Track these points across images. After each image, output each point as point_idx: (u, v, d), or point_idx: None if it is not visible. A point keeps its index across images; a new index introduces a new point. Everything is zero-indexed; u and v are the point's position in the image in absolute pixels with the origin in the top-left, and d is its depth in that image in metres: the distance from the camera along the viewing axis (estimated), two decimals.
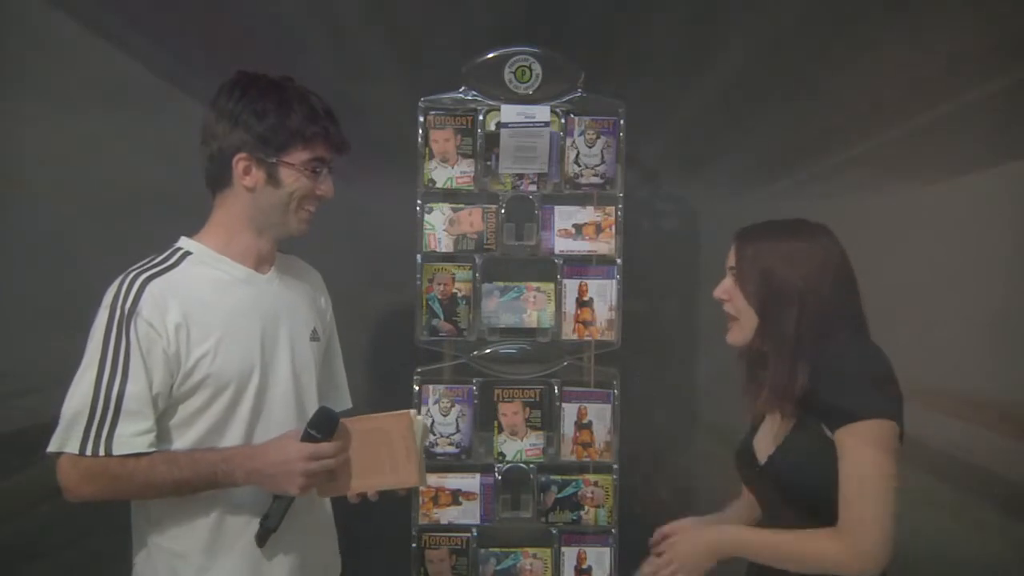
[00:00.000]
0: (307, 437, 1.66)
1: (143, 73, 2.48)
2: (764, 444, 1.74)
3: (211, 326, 1.68)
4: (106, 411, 1.61)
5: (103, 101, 2.49)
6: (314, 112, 1.72)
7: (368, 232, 2.53)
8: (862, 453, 1.52)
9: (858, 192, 2.58)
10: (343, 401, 1.98)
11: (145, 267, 1.69)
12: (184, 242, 1.75)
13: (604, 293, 2.34)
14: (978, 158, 2.59)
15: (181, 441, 1.68)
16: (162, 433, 1.66)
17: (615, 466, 2.36)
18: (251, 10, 2.51)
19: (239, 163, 1.69)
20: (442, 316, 2.33)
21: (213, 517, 1.71)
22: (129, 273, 1.67)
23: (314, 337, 1.85)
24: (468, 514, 2.34)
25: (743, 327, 1.69)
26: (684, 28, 2.60)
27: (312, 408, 1.80)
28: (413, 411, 1.75)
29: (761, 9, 2.57)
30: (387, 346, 2.53)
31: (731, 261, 1.70)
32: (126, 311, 1.62)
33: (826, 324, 1.62)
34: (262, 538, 1.69)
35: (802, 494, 1.64)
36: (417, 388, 2.34)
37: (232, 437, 1.70)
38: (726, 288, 1.71)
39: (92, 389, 1.61)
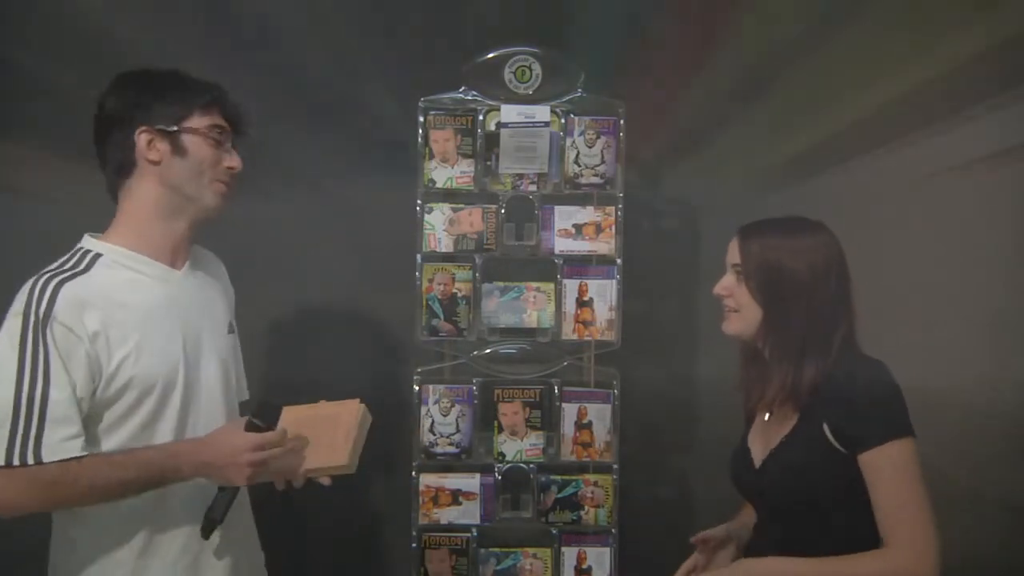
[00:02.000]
0: (251, 427, 1.65)
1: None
2: (758, 446, 1.74)
3: (130, 327, 1.63)
4: (30, 419, 1.55)
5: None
6: (209, 85, 1.74)
7: (368, 232, 2.53)
8: (896, 474, 1.55)
9: (858, 191, 2.57)
10: (242, 393, 1.95)
11: (56, 271, 1.63)
12: (89, 242, 1.70)
13: (604, 293, 2.33)
14: (979, 158, 2.59)
15: (109, 444, 1.63)
16: (89, 438, 1.61)
17: (615, 466, 2.36)
18: (251, 10, 2.51)
19: (141, 136, 1.67)
20: (442, 316, 2.33)
21: (146, 519, 1.67)
22: (40, 277, 1.61)
23: (231, 330, 1.85)
24: (468, 514, 2.34)
25: (744, 319, 1.69)
26: (684, 28, 2.60)
27: (237, 400, 1.82)
28: (361, 404, 1.76)
29: (761, 9, 2.57)
30: (387, 346, 2.53)
31: (734, 257, 1.70)
32: (40, 316, 1.56)
33: (830, 320, 1.64)
34: (207, 530, 1.67)
35: (798, 497, 1.64)
36: (417, 388, 2.34)
37: (161, 436, 1.67)
38: (727, 285, 1.71)
39: (12, 398, 1.55)
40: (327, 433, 1.73)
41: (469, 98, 2.33)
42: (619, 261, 2.34)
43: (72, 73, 2.48)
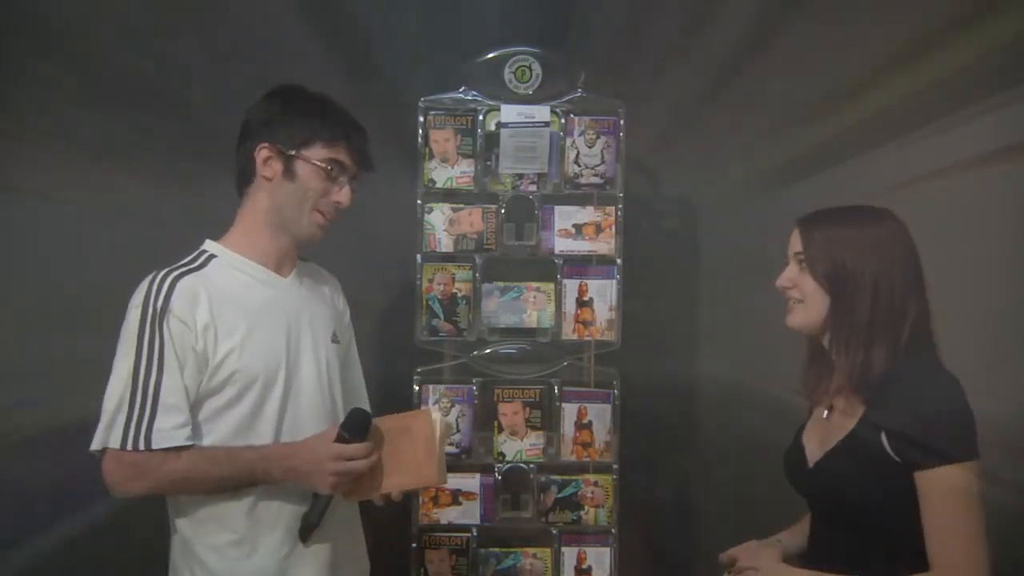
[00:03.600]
0: (339, 438, 1.70)
1: (143, 74, 2.48)
2: (812, 445, 1.69)
3: (237, 323, 1.72)
4: (144, 406, 1.65)
5: (105, 103, 2.49)
6: (341, 119, 1.80)
7: (368, 232, 2.53)
8: (950, 499, 1.49)
9: (859, 191, 2.57)
10: (362, 407, 1.99)
11: (174, 267, 1.74)
12: (208, 245, 1.80)
13: (604, 293, 2.34)
14: (979, 157, 2.59)
15: (211, 437, 1.71)
16: (193, 428, 1.69)
17: (615, 466, 2.36)
18: (252, 10, 2.51)
19: (261, 151, 1.76)
20: (442, 316, 2.33)
21: (246, 511, 1.73)
22: (158, 273, 1.72)
23: (335, 339, 1.89)
24: (468, 514, 2.34)
25: (809, 311, 1.64)
26: (684, 28, 2.60)
27: (339, 406, 1.84)
28: (436, 412, 1.77)
29: (761, 8, 2.57)
30: (387, 346, 2.53)
31: (796, 247, 1.65)
32: (158, 309, 1.66)
33: (898, 311, 1.59)
34: (304, 534, 1.73)
35: (848, 504, 1.59)
36: (417, 388, 2.34)
37: (261, 433, 1.73)
38: (790, 276, 1.66)
39: (130, 385, 1.65)
40: (408, 447, 1.75)
41: (469, 98, 2.33)
42: (619, 261, 2.34)
43: (73, 74, 2.49)
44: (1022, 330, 2.57)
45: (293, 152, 1.75)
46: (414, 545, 2.34)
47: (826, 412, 1.69)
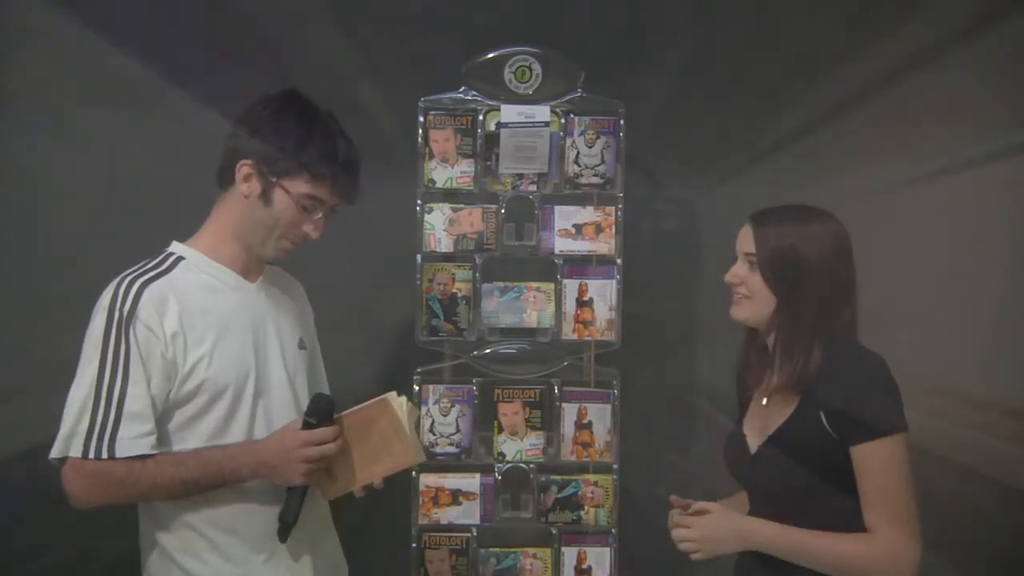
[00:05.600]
0: (305, 425, 1.69)
1: (143, 72, 2.48)
2: (754, 432, 1.75)
3: (206, 331, 1.68)
4: (107, 414, 1.60)
5: (103, 101, 2.49)
6: (333, 154, 1.73)
7: (368, 232, 2.53)
8: (885, 469, 1.58)
9: (860, 191, 2.57)
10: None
11: (140, 271, 1.69)
12: (176, 247, 1.76)
13: (604, 293, 2.34)
14: (979, 157, 2.59)
15: (182, 446, 1.68)
16: (162, 437, 1.66)
17: (615, 466, 2.36)
18: (252, 9, 2.51)
19: (242, 167, 1.71)
20: (442, 316, 2.33)
21: (223, 517, 1.71)
22: (125, 277, 1.67)
23: (302, 345, 1.87)
24: (468, 514, 2.35)
25: (755, 306, 1.69)
26: (684, 28, 2.60)
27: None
28: (392, 394, 1.76)
29: (760, 8, 2.57)
30: (387, 346, 2.53)
31: (747, 246, 1.70)
32: (125, 314, 1.62)
33: (839, 308, 1.66)
34: (282, 533, 1.71)
35: (792, 484, 1.66)
36: (417, 388, 2.34)
37: (233, 440, 1.71)
38: (739, 273, 1.71)
39: (93, 392, 1.61)
40: (376, 434, 1.74)
41: (469, 98, 2.33)
42: (619, 261, 2.34)
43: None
44: (1020, 327, 2.58)
45: (275, 179, 1.70)
46: (414, 545, 2.34)
47: (765, 400, 1.74)
